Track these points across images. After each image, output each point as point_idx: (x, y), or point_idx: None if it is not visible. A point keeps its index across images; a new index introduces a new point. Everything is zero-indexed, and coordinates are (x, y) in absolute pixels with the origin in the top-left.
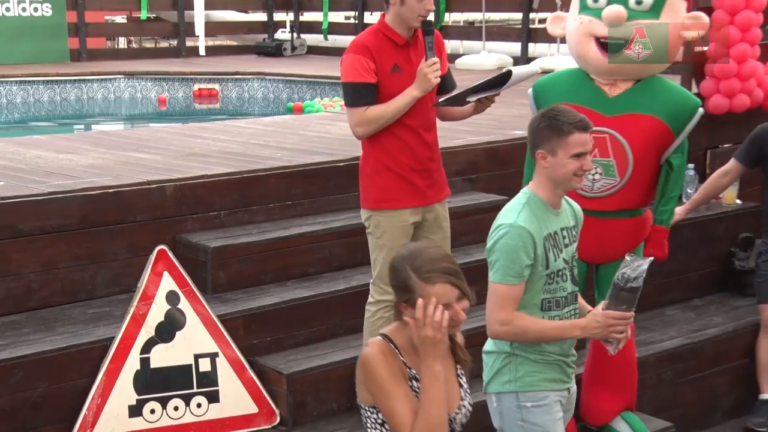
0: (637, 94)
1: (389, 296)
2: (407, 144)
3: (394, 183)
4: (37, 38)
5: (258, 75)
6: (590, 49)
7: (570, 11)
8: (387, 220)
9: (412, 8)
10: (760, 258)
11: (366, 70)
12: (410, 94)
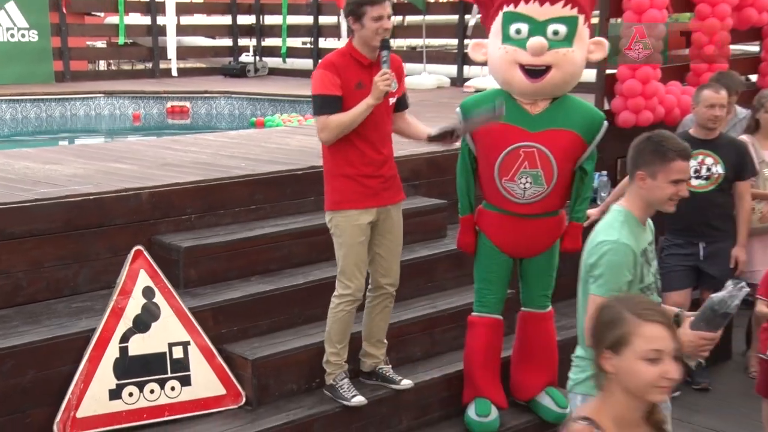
0: (555, 111)
1: (350, 291)
2: (363, 152)
3: (350, 186)
4: (25, 61)
5: (224, 93)
6: (516, 75)
7: (491, 40)
8: (345, 220)
9: (371, 29)
10: (663, 252)
11: (332, 84)
12: (366, 103)
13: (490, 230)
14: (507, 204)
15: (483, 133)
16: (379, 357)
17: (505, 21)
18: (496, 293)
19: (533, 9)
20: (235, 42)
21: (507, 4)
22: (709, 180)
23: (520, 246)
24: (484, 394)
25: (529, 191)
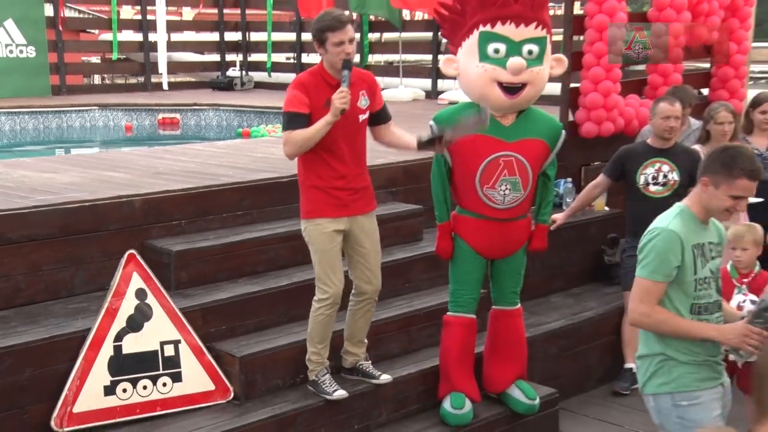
0: (523, 122)
1: (328, 295)
2: (332, 167)
3: (320, 197)
4: (23, 76)
5: (213, 106)
6: (494, 91)
7: (465, 57)
8: (315, 228)
9: (334, 53)
10: (623, 254)
11: (300, 103)
12: (324, 120)
13: (467, 234)
14: (487, 210)
15: (460, 145)
16: (360, 355)
17: (482, 40)
18: (471, 293)
19: (510, 30)
20: (222, 57)
21: (483, 24)
22: (666, 186)
23: (495, 248)
24: (459, 388)
25: (509, 197)
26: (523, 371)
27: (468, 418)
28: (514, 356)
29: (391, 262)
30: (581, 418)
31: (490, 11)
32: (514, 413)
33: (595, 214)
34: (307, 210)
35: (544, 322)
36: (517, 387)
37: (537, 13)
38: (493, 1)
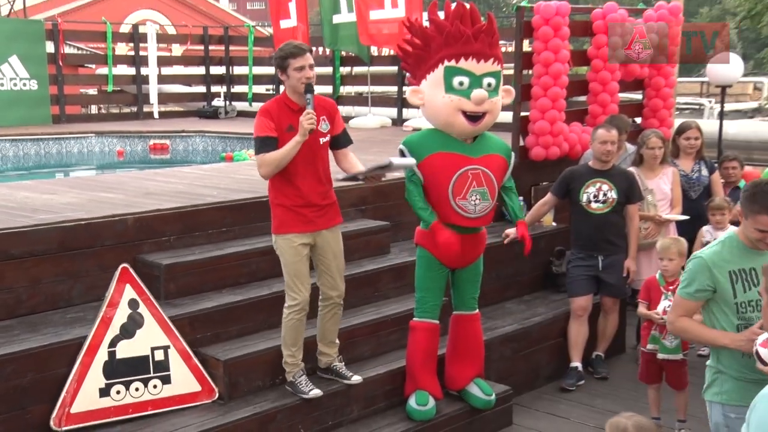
0: (482, 141)
1: (297, 302)
2: (297, 186)
3: (288, 215)
4: (26, 106)
5: (199, 132)
6: (458, 119)
7: (430, 89)
8: (284, 242)
9: (295, 78)
10: (569, 264)
11: (268, 128)
12: (294, 140)
13: (432, 247)
14: (460, 219)
15: (431, 162)
16: (333, 355)
17: (447, 74)
18: (435, 300)
19: (472, 65)
20: (208, 89)
21: (448, 60)
22: (606, 204)
23: (459, 258)
24: (423, 386)
25: (479, 206)
26: (480, 370)
27: (431, 413)
28: (473, 357)
29: (361, 273)
30: (532, 412)
31: (455, 48)
32: (473, 408)
33: (543, 228)
34: (276, 225)
35: (499, 326)
36: (476, 384)
37: (493, 50)
38: (456, 40)
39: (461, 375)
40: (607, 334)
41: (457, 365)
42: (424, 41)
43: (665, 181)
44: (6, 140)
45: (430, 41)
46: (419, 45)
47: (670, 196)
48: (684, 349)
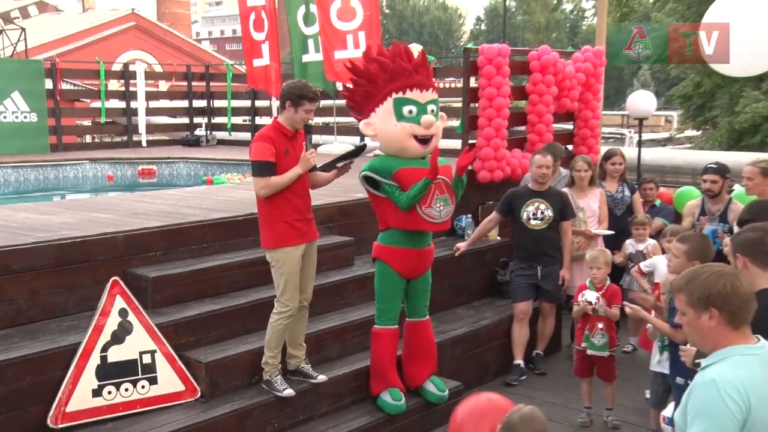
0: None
1: (289, 308)
2: (294, 204)
3: (287, 230)
4: (27, 137)
5: (183, 159)
6: (411, 143)
7: (381, 120)
8: (285, 255)
9: (301, 116)
10: (512, 274)
11: (269, 153)
12: (295, 171)
13: (392, 262)
14: (427, 225)
15: (398, 178)
16: (301, 357)
17: (396, 104)
18: (396, 309)
19: (417, 95)
20: (191, 120)
21: (396, 92)
22: (543, 221)
23: (414, 270)
24: (394, 384)
25: (444, 212)
26: (434, 369)
27: (404, 407)
28: (428, 357)
29: (328, 283)
30: None
31: (400, 81)
32: (429, 403)
33: (489, 242)
34: (276, 240)
35: (451, 329)
36: (431, 382)
37: (430, 80)
38: (401, 74)
39: (418, 374)
40: (545, 334)
41: (413, 366)
42: (369, 79)
43: (594, 201)
44: (8, 167)
45: (376, 78)
46: (365, 83)
47: (598, 213)
48: (611, 346)
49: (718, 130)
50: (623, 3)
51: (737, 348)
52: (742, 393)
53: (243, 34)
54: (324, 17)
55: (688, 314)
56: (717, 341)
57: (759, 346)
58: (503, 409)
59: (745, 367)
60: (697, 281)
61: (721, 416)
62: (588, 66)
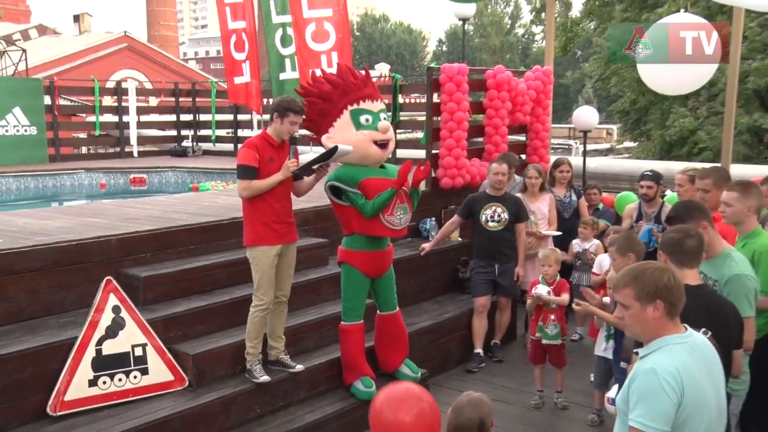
0: (389, 168)
1: (264, 302)
2: (273, 207)
3: (265, 231)
4: (27, 148)
5: (171, 168)
6: (372, 149)
7: (341, 132)
8: (261, 253)
9: (287, 128)
10: (472, 271)
11: (253, 158)
12: (277, 177)
13: (358, 263)
14: (388, 232)
15: (364, 187)
16: (280, 348)
17: (353, 115)
18: (361, 306)
19: (369, 105)
20: (178, 132)
21: (351, 104)
22: (500, 223)
23: (378, 269)
24: (365, 373)
25: (403, 219)
26: (407, 353)
27: (374, 393)
28: (401, 344)
29: (305, 281)
30: (445, 390)
31: (353, 95)
32: None
33: (451, 243)
34: (254, 239)
35: (417, 322)
36: (406, 366)
37: (378, 93)
38: (352, 89)
39: (393, 360)
40: (502, 326)
41: (388, 353)
42: (323, 98)
43: (544, 205)
44: (9, 176)
45: (330, 95)
46: (320, 102)
47: (548, 216)
48: (563, 335)
49: (651, 142)
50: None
51: (671, 338)
52: (677, 378)
53: (224, 54)
54: (300, 39)
55: (633, 307)
56: (657, 331)
57: (687, 335)
58: (419, 397)
59: (678, 355)
60: (644, 277)
61: (661, 400)
62: (538, 84)
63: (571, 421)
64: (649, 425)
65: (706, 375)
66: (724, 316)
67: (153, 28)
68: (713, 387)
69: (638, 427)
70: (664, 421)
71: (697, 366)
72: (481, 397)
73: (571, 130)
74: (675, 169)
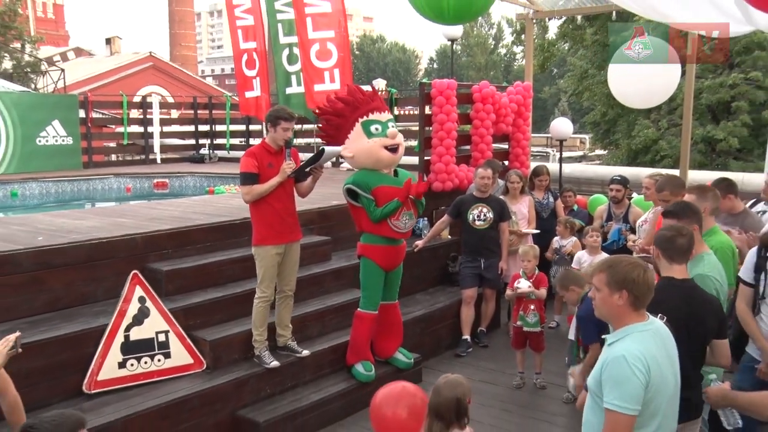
0: (401, 176)
1: (266, 295)
2: (275, 208)
3: (268, 231)
4: (64, 156)
5: (190, 173)
6: (383, 154)
7: (355, 143)
8: (264, 251)
9: (280, 134)
10: (460, 266)
11: (252, 165)
12: (275, 180)
13: (376, 257)
14: (393, 234)
15: (376, 194)
16: (287, 336)
17: (365, 126)
18: (378, 296)
19: (378, 116)
20: (197, 141)
21: (361, 117)
22: (485, 222)
23: (392, 263)
24: (366, 358)
25: (408, 224)
26: (401, 341)
27: (374, 377)
28: (397, 333)
29: (310, 275)
30: (436, 372)
31: (363, 108)
32: (397, 369)
33: (442, 240)
34: (259, 238)
35: (411, 311)
36: (400, 353)
37: (385, 105)
38: (362, 104)
39: (389, 347)
40: (487, 315)
41: (385, 340)
42: (337, 115)
43: (524, 206)
44: (49, 181)
45: (343, 112)
46: (335, 119)
47: (527, 216)
48: (542, 323)
49: (619, 150)
50: (545, 49)
51: (635, 326)
52: (644, 362)
53: (236, 71)
54: (305, 57)
55: (603, 291)
56: (620, 318)
57: (650, 322)
58: (414, 394)
59: (643, 341)
60: (617, 267)
61: (632, 383)
62: (519, 98)
63: (548, 399)
64: (623, 406)
65: (665, 356)
66: (702, 307)
67: (175, 49)
68: (671, 365)
69: (614, 409)
70: (636, 401)
71: (659, 349)
72: (458, 377)
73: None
74: (641, 175)
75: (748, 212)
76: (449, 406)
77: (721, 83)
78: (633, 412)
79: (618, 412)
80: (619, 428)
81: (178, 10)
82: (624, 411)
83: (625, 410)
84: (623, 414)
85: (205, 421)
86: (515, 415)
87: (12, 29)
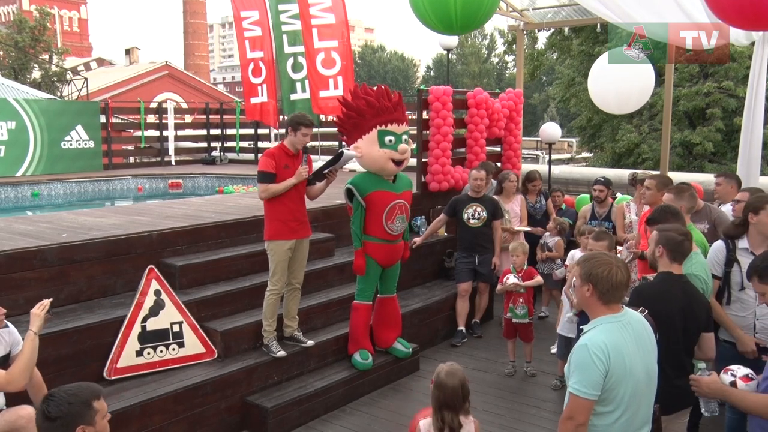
0: (399, 181)
1: (277, 287)
2: (289, 207)
3: (281, 227)
4: (86, 158)
5: (202, 174)
6: (389, 165)
7: (367, 145)
8: (276, 246)
9: (300, 139)
10: (456, 261)
11: (270, 166)
12: (290, 181)
13: (372, 253)
14: (387, 235)
15: (372, 198)
16: (294, 327)
17: (380, 135)
18: (372, 289)
19: (395, 128)
20: (209, 144)
21: (380, 125)
22: (479, 220)
23: (389, 260)
24: (364, 347)
25: (400, 227)
26: (400, 332)
27: (371, 364)
28: (395, 324)
29: (315, 269)
30: (433, 361)
31: (384, 117)
32: (396, 359)
33: (439, 237)
34: (272, 234)
35: (410, 304)
36: (399, 343)
37: (405, 116)
38: (384, 111)
39: (388, 337)
40: (481, 307)
41: (384, 331)
42: (358, 113)
43: (516, 205)
44: (72, 182)
45: (364, 113)
46: (354, 116)
47: (519, 214)
48: (530, 315)
49: (604, 153)
50: (535, 58)
51: (603, 318)
52: (605, 351)
53: (243, 79)
54: (311, 65)
55: (577, 281)
56: (591, 309)
57: (621, 314)
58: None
59: (608, 332)
60: (590, 262)
61: (591, 370)
62: (511, 103)
63: (538, 386)
64: (582, 390)
65: (634, 347)
66: (695, 300)
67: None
68: (641, 357)
69: (574, 392)
70: (594, 387)
71: (626, 341)
72: (452, 365)
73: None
74: (624, 176)
75: (710, 207)
76: (455, 394)
77: (696, 91)
78: (591, 396)
79: (577, 395)
80: (577, 409)
81: (192, 22)
82: (582, 395)
83: (584, 394)
84: (581, 398)
85: (216, 406)
86: (507, 401)
87: (41, 42)
